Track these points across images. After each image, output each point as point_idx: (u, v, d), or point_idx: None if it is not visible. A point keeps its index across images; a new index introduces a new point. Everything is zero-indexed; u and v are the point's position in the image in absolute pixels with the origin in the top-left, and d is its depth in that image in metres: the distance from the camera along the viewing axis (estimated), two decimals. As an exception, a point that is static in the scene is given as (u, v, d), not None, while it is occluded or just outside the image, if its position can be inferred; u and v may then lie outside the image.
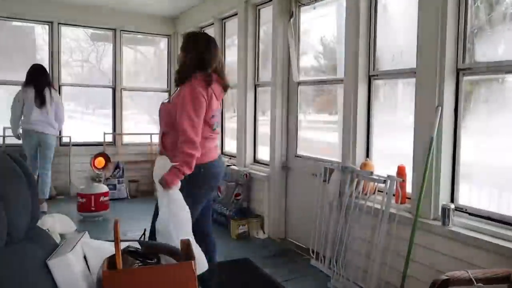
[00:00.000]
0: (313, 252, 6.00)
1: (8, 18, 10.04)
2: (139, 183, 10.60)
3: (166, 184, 3.91)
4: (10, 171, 2.62)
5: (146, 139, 11.05)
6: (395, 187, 4.94)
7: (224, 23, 9.47)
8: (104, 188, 8.68)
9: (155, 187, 4.23)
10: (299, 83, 7.10)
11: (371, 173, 5.28)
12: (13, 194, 2.52)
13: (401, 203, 5.00)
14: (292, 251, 6.71)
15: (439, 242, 4.47)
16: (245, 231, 7.46)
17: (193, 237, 3.71)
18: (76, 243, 2.86)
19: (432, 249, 4.54)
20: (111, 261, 2.63)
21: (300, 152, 7.15)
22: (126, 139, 11.14)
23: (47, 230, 5.96)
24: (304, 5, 6.96)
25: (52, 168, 8.90)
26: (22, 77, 8.59)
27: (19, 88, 8.58)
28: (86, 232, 3.13)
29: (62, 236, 5.72)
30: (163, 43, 11.89)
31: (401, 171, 5.02)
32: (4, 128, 9.55)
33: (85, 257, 2.86)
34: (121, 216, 8.24)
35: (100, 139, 10.67)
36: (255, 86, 8.28)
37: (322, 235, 5.78)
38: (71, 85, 10.75)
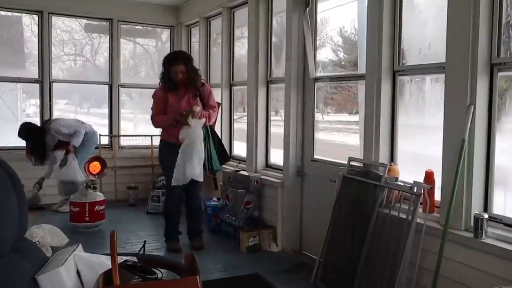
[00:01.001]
0: (331, 266, 6.01)
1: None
2: (139, 190, 10.62)
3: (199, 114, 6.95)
4: None
5: (146, 141, 11.08)
6: (422, 194, 4.96)
7: (233, 12, 9.54)
8: (99, 196, 8.68)
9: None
10: (316, 79, 7.13)
11: (396, 179, 5.30)
12: None
13: (429, 212, 5.01)
14: (307, 266, 6.71)
15: (471, 256, 4.48)
16: (256, 244, 7.48)
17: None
18: (68, 257, 2.88)
19: (463, 263, 4.55)
20: (107, 277, 2.65)
21: (317, 155, 7.18)
22: (124, 141, 11.21)
23: (37, 243, 6.04)
24: (321, -8, 7.00)
25: (39, 175, 9.09)
26: (7, 72, 8.65)
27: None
28: (80, 245, 3.16)
29: (53, 249, 5.78)
30: (165, 35, 11.95)
31: (429, 177, 5.03)
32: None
33: (78, 272, 2.88)
34: (118, 227, 8.29)
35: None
36: (267, 83, 8.32)
37: (341, 248, 5.79)
38: (63, 81, 10.88)
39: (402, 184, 5.19)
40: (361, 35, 6.35)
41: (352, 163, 5.96)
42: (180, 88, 7.20)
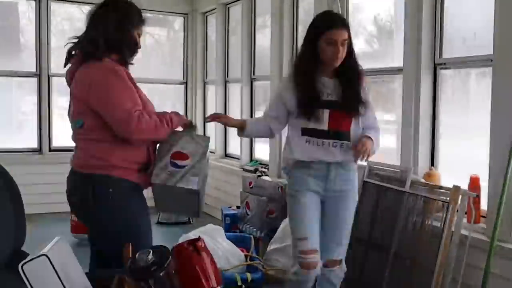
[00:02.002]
0: (364, 284, 6.05)
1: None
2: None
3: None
4: None
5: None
6: (466, 203, 4.99)
7: (254, -2, 9.60)
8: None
9: None
10: (347, 73, 7.13)
11: (438, 185, 5.32)
12: None
13: (474, 222, 5.05)
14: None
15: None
16: (280, 258, 7.49)
17: None
18: (53, 245, 2.93)
19: (513, 280, 4.58)
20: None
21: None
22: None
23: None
24: (354, -25, 7.03)
25: (37, 180, 9.14)
26: (2, 66, 8.70)
27: None
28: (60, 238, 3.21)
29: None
30: (178, 23, 12.02)
31: (474, 183, 5.06)
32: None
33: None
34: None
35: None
36: (293, 78, 8.30)
37: (375, 264, 5.82)
38: (64, 75, 10.83)
39: (444, 190, 5.19)
40: (398, 23, 6.39)
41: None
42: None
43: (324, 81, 4.67)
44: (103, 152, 4.07)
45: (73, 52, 4.40)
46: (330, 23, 4.65)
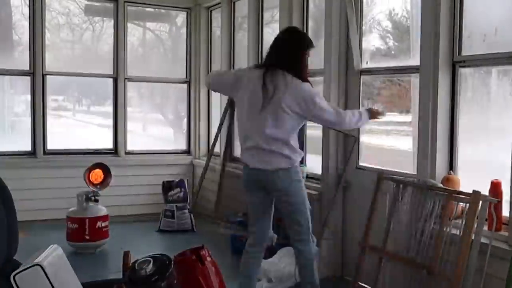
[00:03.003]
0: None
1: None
2: (149, 204, 10.78)
3: None
4: None
5: (157, 146, 11.14)
6: (487, 209, 5.00)
7: (262, -8, 9.62)
8: (102, 210, 8.77)
9: None
10: (361, 72, 7.21)
11: (457, 191, 5.33)
12: None
13: (495, 230, 5.05)
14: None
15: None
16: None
17: None
18: (47, 254, 2.95)
19: (537, 291, 4.60)
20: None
21: (362, 162, 7.25)
22: (131, 145, 11.30)
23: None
24: (368, -32, 7.05)
25: (31, 185, 9.21)
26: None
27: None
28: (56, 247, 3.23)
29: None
30: (180, 18, 12.04)
31: (495, 188, 5.08)
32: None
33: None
34: (125, 248, 8.36)
35: (97, 145, 10.89)
36: (303, 76, 8.32)
37: (391, 272, 5.84)
38: (59, 73, 10.95)
39: (463, 196, 5.19)
40: (415, 18, 6.41)
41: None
42: None
43: None
44: None
45: None
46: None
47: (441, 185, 5.51)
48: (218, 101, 10.81)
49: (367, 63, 7.20)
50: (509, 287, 4.64)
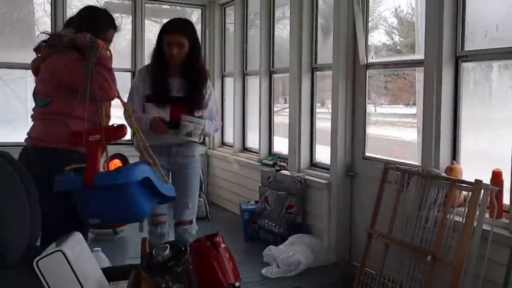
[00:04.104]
0: (386, 279, 6.06)
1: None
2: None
3: None
4: (5, 178, 2.73)
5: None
6: (488, 197, 5.00)
7: (273, -11, 9.61)
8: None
9: None
10: (367, 66, 7.19)
11: (460, 180, 5.33)
12: (9, 207, 2.61)
13: (496, 217, 5.04)
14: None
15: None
16: (299, 254, 7.51)
17: None
18: (68, 241, 2.96)
19: (536, 276, 4.59)
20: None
21: (369, 153, 7.25)
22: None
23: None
24: (374, -34, 7.04)
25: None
26: (16, 57, 8.67)
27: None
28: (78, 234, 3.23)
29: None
30: (195, 15, 12.04)
31: (496, 178, 5.07)
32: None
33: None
34: (143, 234, 8.39)
35: (116, 136, 10.87)
36: (312, 70, 8.39)
37: (396, 258, 5.84)
38: (79, 68, 10.91)
39: (466, 185, 5.18)
40: (419, 15, 6.40)
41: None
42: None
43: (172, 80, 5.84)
44: None
45: None
46: (168, 28, 5.95)
47: (444, 175, 5.51)
48: (231, 94, 10.85)
49: (372, 57, 7.19)
50: (510, 272, 4.65)
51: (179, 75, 5.86)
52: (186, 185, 6.05)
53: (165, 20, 6.20)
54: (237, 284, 3.21)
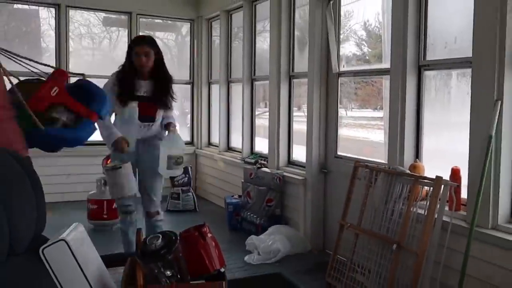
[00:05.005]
0: (356, 265, 6.06)
1: (9, 0, 10.29)
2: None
3: None
4: (12, 173, 2.69)
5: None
6: (448, 192, 5.01)
7: (255, 6, 9.61)
8: (118, 192, 8.72)
9: None
10: (339, 74, 7.19)
11: (422, 176, 5.34)
12: (16, 200, 2.58)
13: (455, 210, 5.06)
14: (331, 265, 6.76)
15: (498, 254, 4.53)
16: (278, 242, 7.50)
17: None
18: (72, 230, 2.94)
19: (490, 262, 4.60)
20: (129, 274, 2.78)
21: (340, 152, 7.24)
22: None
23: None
24: (345, -15, 7.03)
25: (54, 171, 9.18)
26: (23, 67, 8.65)
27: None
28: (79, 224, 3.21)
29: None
30: (185, 28, 12.04)
31: (455, 174, 5.08)
32: None
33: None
34: (139, 225, 8.36)
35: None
36: (290, 78, 8.39)
37: (365, 246, 5.84)
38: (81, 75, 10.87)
39: (427, 181, 5.19)
40: (386, 28, 6.41)
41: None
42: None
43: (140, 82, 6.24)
44: None
45: None
46: (136, 41, 6.40)
47: (408, 172, 5.50)
48: (217, 99, 10.86)
49: (344, 66, 7.18)
50: (467, 259, 4.66)
51: (146, 78, 6.28)
52: (152, 182, 6.38)
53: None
54: (222, 270, 3.20)
